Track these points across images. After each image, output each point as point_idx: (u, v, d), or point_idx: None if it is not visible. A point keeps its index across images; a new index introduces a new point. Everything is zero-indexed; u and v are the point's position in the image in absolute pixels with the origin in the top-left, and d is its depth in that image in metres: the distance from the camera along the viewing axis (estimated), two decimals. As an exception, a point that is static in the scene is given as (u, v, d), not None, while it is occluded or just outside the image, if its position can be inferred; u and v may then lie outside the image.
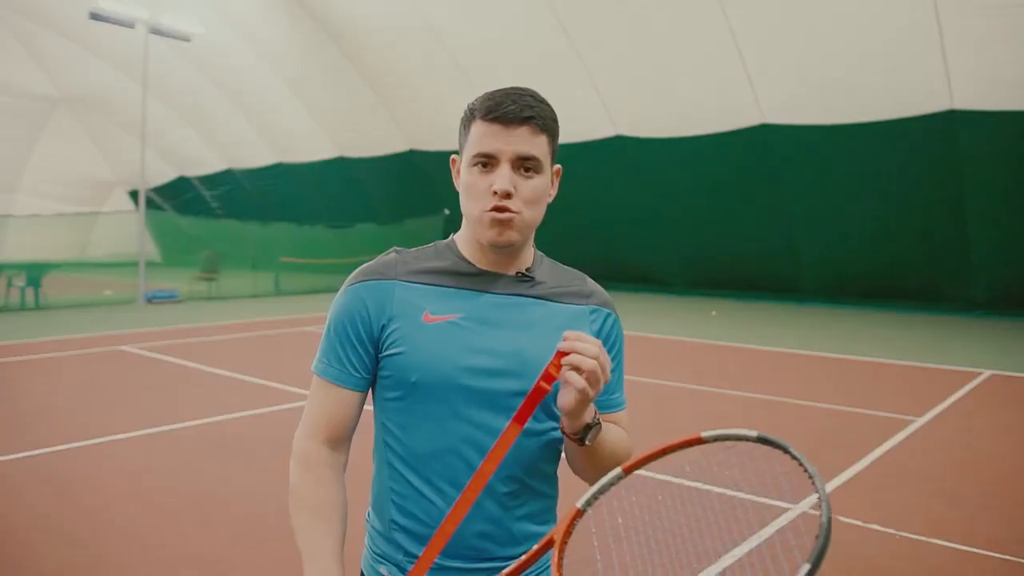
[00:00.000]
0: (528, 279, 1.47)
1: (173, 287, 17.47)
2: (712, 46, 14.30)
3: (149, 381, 8.30)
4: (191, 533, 4.26)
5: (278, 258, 20.14)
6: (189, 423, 6.56)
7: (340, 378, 1.43)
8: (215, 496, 4.85)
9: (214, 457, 5.68)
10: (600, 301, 1.54)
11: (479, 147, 1.38)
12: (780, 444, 1.15)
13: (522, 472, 1.42)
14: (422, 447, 1.40)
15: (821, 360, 10.36)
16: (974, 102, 12.79)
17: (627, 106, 16.63)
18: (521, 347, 1.40)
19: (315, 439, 1.44)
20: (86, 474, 5.22)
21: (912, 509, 4.78)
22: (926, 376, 9.31)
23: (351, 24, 18.69)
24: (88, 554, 3.94)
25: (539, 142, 1.39)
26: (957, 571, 3.95)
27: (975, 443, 6.43)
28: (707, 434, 1.22)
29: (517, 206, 1.37)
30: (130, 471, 5.29)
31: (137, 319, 13.53)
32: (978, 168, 13.41)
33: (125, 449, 5.83)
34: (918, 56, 12.63)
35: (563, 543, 1.23)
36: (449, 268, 1.46)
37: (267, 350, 10.65)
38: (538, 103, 1.39)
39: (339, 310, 1.45)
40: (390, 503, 1.45)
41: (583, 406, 1.28)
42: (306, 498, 1.40)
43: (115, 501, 4.72)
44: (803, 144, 14.91)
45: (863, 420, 7.07)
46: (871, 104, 13.71)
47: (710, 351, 11.04)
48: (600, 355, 1.24)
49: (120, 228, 24.14)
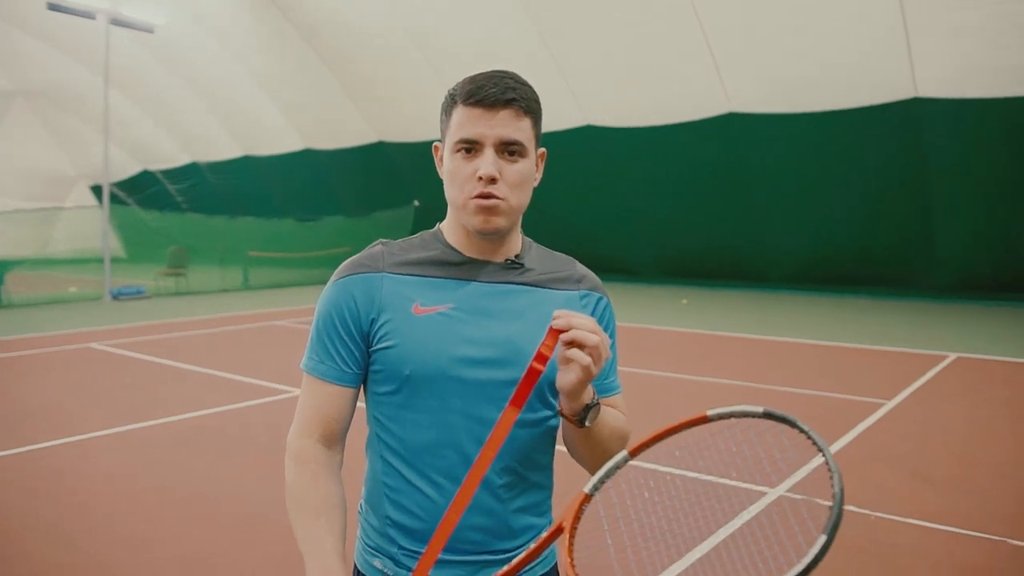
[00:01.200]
0: (517, 266, 1.46)
1: (140, 283, 17.20)
2: (680, 35, 14.37)
3: (120, 378, 8.18)
4: (174, 531, 4.21)
5: (246, 252, 19.90)
6: (164, 420, 6.47)
7: (331, 374, 1.41)
8: (197, 494, 4.79)
9: (192, 454, 5.61)
10: (591, 285, 1.53)
11: (462, 132, 1.36)
12: (787, 418, 1.16)
13: (517, 463, 1.41)
14: (416, 440, 1.39)
15: (791, 346, 10.50)
16: (938, 90, 13.00)
17: (595, 95, 16.65)
18: (513, 336, 1.38)
19: (309, 437, 1.42)
20: (63, 473, 5.13)
21: (886, 490, 4.87)
22: (895, 360, 9.47)
23: (316, 14, 18.50)
24: (70, 553, 3.88)
25: (523, 125, 1.37)
26: (933, 550, 4.04)
27: (945, 424, 6.57)
28: (712, 412, 1.22)
29: (503, 191, 1.35)
30: (108, 469, 5.22)
31: (104, 316, 13.31)
32: (943, 155, 13.65)
33: (100, 447, 5.74)
34: (883, 44, 12.80)
35: (573, 528, 1.23)
36: (437, 258, 1.44)
37: (239, 345, 10.54)
38: (520, 85, 1.38)
39: (327, 305, 1.43)
40: (384, 498, 1.43)
41: (583, 385, 1.27)
42: (304, 496, 1.37)
43: (94, 500, 4.65)
44: (770, 133, 15.04)
45: (835, 404, 7.18)
46: (837, 92, 13.88)
47: (683, 339, 11.13)
48: (599, 330, 1.24)
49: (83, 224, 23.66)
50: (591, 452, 1.39)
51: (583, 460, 1.44)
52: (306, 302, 15.36)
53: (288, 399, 7.20)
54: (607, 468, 1.28)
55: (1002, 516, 4.47)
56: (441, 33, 17.04)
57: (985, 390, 7.96)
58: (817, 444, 1.11)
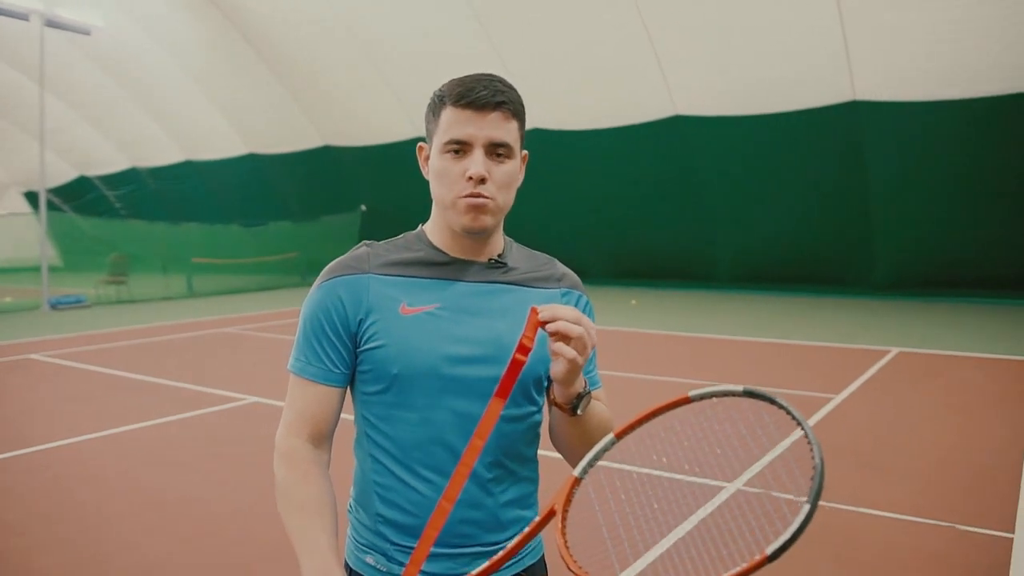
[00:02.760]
0: (500, 265, 1.49)
1: (80, 292, 16.72)
2: (626, 38, 14.56)
3: (63, 390, 7.94)
4: (131, 542, 4.10)
5: (190, 259, 19.51)
6: (113, 430, 6.30)
7: (319, 375, 1.42)
8: (153, 503, 4.68)
9: (146, 464, 5.48)
10: (571, 283, 1.58)
11: (451, 133, 1.38)
12: (767, 396, 1.20)
13: (505, 457, 1.44)
14: (406, 438, 1.40)
15: (738, 344, 10.69)
16: (875, 93, 13.40)
17: (542, 98, 16.73)
18: (499, 334, 1.41)
19: (298, 437, 1.42)
20: (7, 489, 4.97)
21: (838, 481, 4.99)
22: (840, 356, 9.72)
23: (259, 17, 18.25)
24: (18, 570, 3.76)
25: (510, 127, 1.41)
26: (885, 537, 4.16)
27: (891, 416, 6.76)
28: (694, 393, 1.26)
29: (491, 191, 1.38)
30: (57, 483, 5.06)
31: (43, 326, 12.91)
32: (880, 156, 14.08)
33: (48, 461, 5.56)
34: (822, 48, 13.15)
35: (565, 511, 1.25)
36: (422, 259, 1.46)
37: (185, 353, 10.32)
38: (508, 88, 1.42)
39: (314, 307, 1.44)
40: (374, 496, 1.44)
41: (574, 374, 1.30)
42: (295, 496, 1.38)
43: (43, 515, 4.50)
44: (715, 135, 15.34)
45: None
46: (779, 95, 14.22)
47: (633, 339, 11.25)
48: (583, 320, 1.27)
49: (16, 231, 22.98)
50: (580, 441, 1.42)
51: (572, 449, 1.46)
52: (255, 308, 15.12)
53: (240, 407, 7.08)
54: (595, 451, 1.31)
55: (950, 503, 4.62)
56: (386, 35, 16.95)
57: (927, 382, 8.23)
58: (796, 419, 1.16)
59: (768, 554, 1.05)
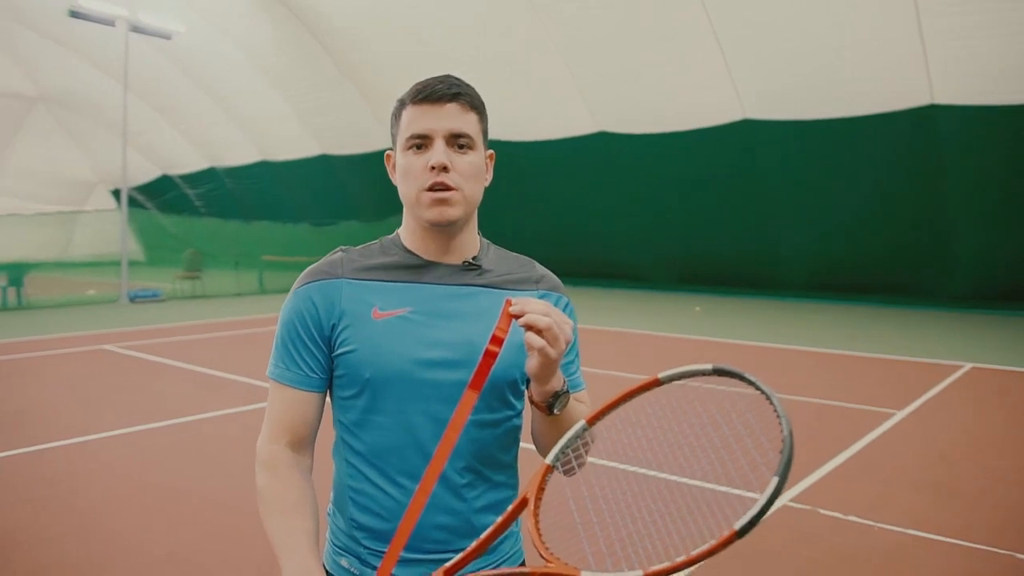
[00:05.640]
0: (475, 267, 1.48)
1: (156, 286, 17.37)
2: (693, 42, 14.34)
3: (130, 380, 8.25)
4: (167, 532, 4.23)
5: (261, 256, 20.05)
6: (169, 422, 6.52)
7: (296, 380, 1.43)
8: (192, 495, 4.82)
9: (193, 456, 5.65)
10: (550, 286, 1.55)
11: (412, 129, 1.40)
12: (736, 372, 1.20)
13: (479, 462, 1.43)
14: (379, 443, 1.41)
15: (802, 354, 10.42)
16: (955, 96, 12.89)
17: (608, 102, 16.64)
18: (473, 337, 1.40)
19: (278, 443, 1.43)
20: (62, 474, 5.19)
21: (890, 501, 4.82)
22: (907, 369, 9.38)
23: (333, 21, 18.61)
24: (63, 554, 3.92)
25: (469, 119, 1.41)
26: (932, 561, 3.99)
27: (954, 435, 6.49)
28: (664, 375, 1.27)
29: (455, 180, 1.39)
30: (107, 470, 5.26)
31: (120, 318, 13.45)
32: (959, 162, 13.52)
33: (102, 448, 5.79)
34: (899, 50, 12.71)
35: (538, 500, 1.25)
36: (395, 263, 1.47)
37: (250, 348, 10.60)
38: (465, 84, 1.43)
39: (289, 313, 1.45)
40: (349, 500, 1.45)
41: (547, 369, 1.29)
42: (275, 500, 1.38)
43: (91, 501, 4.69)
44: (784, 139, 14.97)
45: (844, 413, 7.12)
46: (853, 99, 13.79)
47: (696, 347, 11.07)
48: (551, 312, 1.26)
49: (102, 227, 24.00)
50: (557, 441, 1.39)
51: (549, 449, 1.43)
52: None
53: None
54: (567, 438, 1.31)
55: (1008, 530, 4.40)
56: (456, 41, 17.09)
57: (999, 401, 7.86)
58: (764, 392, 1.15)
59: (737, 529, 1.04)
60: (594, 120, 17.09)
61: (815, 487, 5.05)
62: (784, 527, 4.37)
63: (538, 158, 17.84)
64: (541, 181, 18.48)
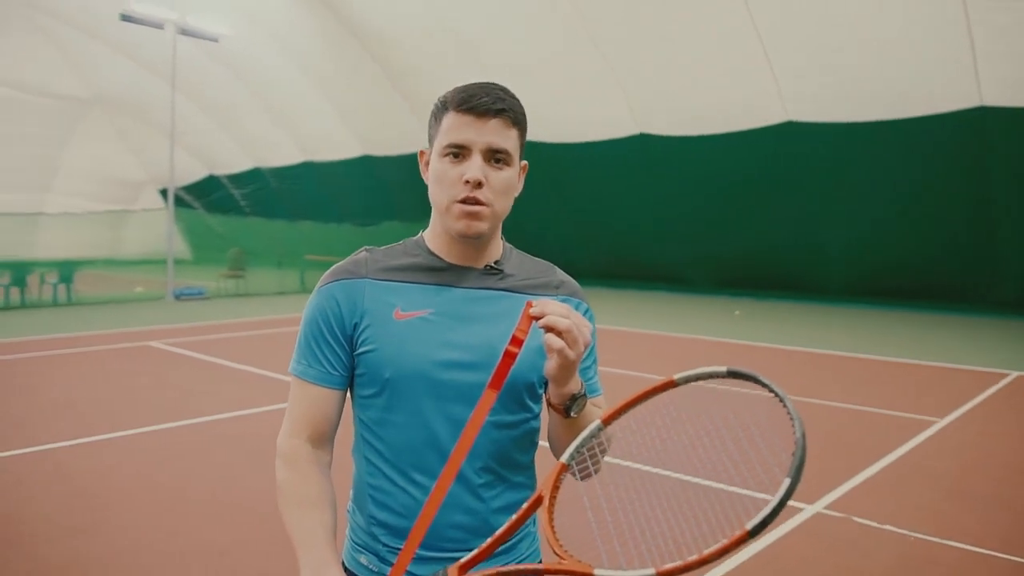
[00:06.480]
0: (497, 272, 1.49)
1: (201, 284, 17.71)
2: (737, 43, 14.19)
3: (173, 376, 8.44)
4: (201, 527, 4.33)
5: (303, 255, 20.33)
6: (209, 418, 6.66)
7: (318, 377, 1.46)
8: (229, 491, 4.92)
9: (233, 452, 5.76)
10: (570, 291, 1.56)
11: (451, 137, 1.41)
12: (750, 374, 1.21)
13: (496, 463, 1.45)
14: (398, 441, 1.43)
15: (844, 360, 10.27)
16: (1004, 99, 12.59)
17: (651, 104, 16.55)
18: (492, 340, 1.41)
19: (298, 438, 1.46)
20: (102, 468, 5.33)
21: (927, 510, 4.74)
22: (950, 376, 9.20)
23: (376, 23, 18.79)
24: (97, 546, 4.04)
25: (510, 135, 1.42)
26: (969, 572, 3.92)
27: (996, 445, 6.35)
28: (679, 376, 1.27)
29: (487, 197, 1.40)
30: (146, 465, 5.39)
31: (165, 315, 13.74)
32: (1007, 166, 13.19)
33: (143, 443, 5.93)
34: (946, 52, 12.44)
35: (552, 498, 1.26)
36: (418, 264, 1.49)
37: (291, 346, 10.67)
38: (510, 97, 1.43)
39: (312, 311, 1.49)
40: (368, 498, 1.48)
41: (566, 371, 1.30)
42: (294, 494, 1.41)
43: (128, 495, 4.81)
44: (829, 141, 14.74)
45: (884, 420, 7.01)
46: (898, 101, 13.53)
47: (735, 351, 10.98)
48: (571, 314, 1.26)
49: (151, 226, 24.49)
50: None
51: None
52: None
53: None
54: (582, 438, 1.31)
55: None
56: (496, 42, 17.15)
57: (1045, 410, 7.68)
58: (778, 395, 1.17)
59: (749, 529, 1.04)
60: (635, 122, 17.01)
61: (850, 494, 4.98)
62: (817, 534, 4.33)
63: (579, 160, 17.82)
64: (582, 183, 18.46)
